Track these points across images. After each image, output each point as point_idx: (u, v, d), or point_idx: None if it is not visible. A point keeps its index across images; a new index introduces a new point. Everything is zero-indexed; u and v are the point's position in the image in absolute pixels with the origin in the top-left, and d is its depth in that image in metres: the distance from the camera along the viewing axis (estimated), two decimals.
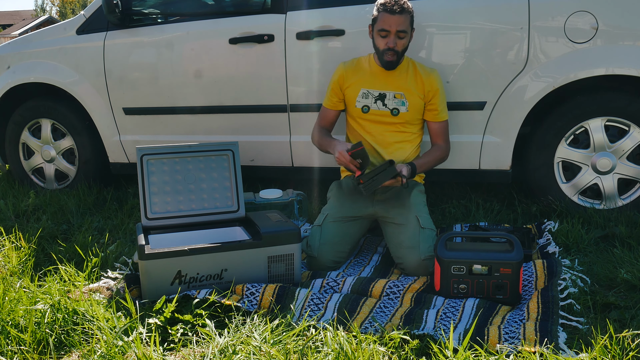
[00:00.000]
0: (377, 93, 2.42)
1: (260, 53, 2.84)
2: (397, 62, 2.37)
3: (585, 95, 2.56)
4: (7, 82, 3.36)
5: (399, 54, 2.34)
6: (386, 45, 2.31)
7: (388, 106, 2.41)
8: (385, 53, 2.33)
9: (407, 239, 2.21)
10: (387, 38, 2.30)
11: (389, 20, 2.28)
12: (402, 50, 2.35)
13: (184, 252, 1.96)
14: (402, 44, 2.33)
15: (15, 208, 3.09)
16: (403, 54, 2.38)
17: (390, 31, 2.29)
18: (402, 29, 2.30)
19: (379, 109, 2.42)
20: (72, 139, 3.37)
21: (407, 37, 2.34)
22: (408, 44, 2.38)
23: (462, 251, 1.97)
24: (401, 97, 2.41)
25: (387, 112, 2.41)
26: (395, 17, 2.27)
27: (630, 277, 1.95)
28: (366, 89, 2.43)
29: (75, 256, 2.35)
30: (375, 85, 2.43)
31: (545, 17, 2.48)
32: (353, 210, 2.36)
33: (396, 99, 2.40)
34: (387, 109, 2.41)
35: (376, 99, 2.42)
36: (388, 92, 2.41)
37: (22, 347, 1.64)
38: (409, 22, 2.33)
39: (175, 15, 3.06)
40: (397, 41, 2.31)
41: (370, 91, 2.43)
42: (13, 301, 1.80)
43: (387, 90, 2.41)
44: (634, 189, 2.61)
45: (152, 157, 2.25)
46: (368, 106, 2.42)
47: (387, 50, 2.31)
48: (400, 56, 2.36)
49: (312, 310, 1.86)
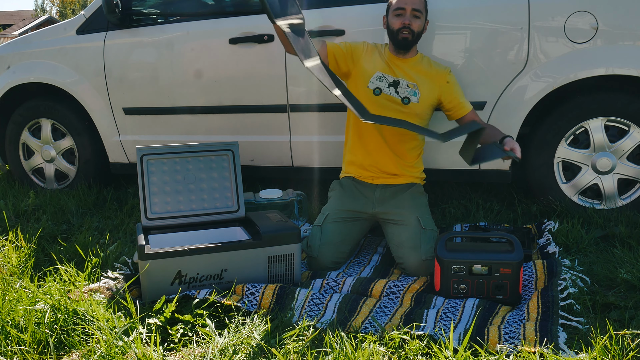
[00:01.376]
0: (391, 79, 2.42)
1: (260, 53, 2.84)
2: (411, 42, 2.38)
3: (585, 95, 2.56)
4: (7, 82, 3.36)
5: (414, 34, 2.35)
6: (402, 23, 2.33)
7: (400, 94, 2.40)
8: (400, 32, 2.34)
9: (408, 240, 2.21)
10: (403, 16, 2.33)
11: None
12: (417, 31, 2.37)
13: (184, 252, 1.97)
14: (417, 24, 2.35)
15: (15, 208, 3.09)
16: (418, 37, 2.39)
17: (405, 9, 2.33)
18: (418, 8, 2.34)
19: (390, 95, 2.41)
20: (72, 139, 3.37)
21: (421, 19, 2.36)
22: (422, 30, 2.40)
23: (462, 251, 1.97)
24: (414, 87, 2.40)
25: (398, 99, 2.40)
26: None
27: (630, 277, 1.96)
28: (382, 72, 2.43)
29: (76, 256, 2.35)
30: (390, 71, 2.43)
31: (545, 17, 2.48)
32: (354, 209, 2.35)
33: (409, 88, 2.40)
34: (398, 97, 2.40)
35: (390, 84, 2.41)
36: (402, 80, 2.41)
37: (22, 347, 1.64)
38: (423, 4, 2.37)
39: (175, 15, 3.06)
40: (413, 20, 2.34)
41: (385, 75, 2.42)
42: (13, 301, 1.80)
43: (401, 77, 2.42)
44: (634, 189, 2.61)
45: (152, 157, 2.25)
46: (380, 89, 2.41)
47: (403, 29, 2.33)
48: (415, 37, 2.37)
49: (312, 310, 1.86)
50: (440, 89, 2.41)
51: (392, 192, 2.37)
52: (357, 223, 2.36)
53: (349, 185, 2.45)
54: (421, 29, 2.39)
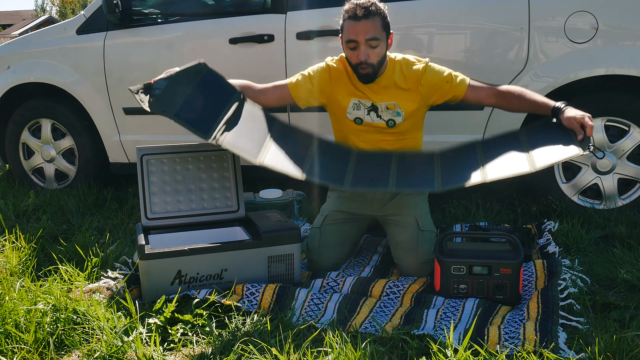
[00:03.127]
0: (369, 104, 2.18)
1: (260, 53, 2.84)
2: (374, 74, 2.10)
3: (585, 95, 2.56)
4: (7, 82, 3.36)
5: (374, 66, 2.06)
6: (358, 58, 2.03)
7: (383, 117, 2.20)
8: (358, 67, 2.06)
9: (405, 241, 2.20)
10: (357, 50, 2.02)
11: (355, 28, 1.99)
12: (379, 60, 2.07)
13: (184, 252, 1.97)
14: (375, 53, 2.03)
15: (15, 208, 3.09)
16: (382, 63, 2.10)
17: (358, 41, 2.00)
18: (372, 36, 2.00)
19: (373, 121, 2.21)
20: (72, 139, 3.37)
21: (381, 44, 2.03)
22: (386, 51, 2.09)
23: (462, 251, 1.97)
24: (394, 108, 2.17)
25: (382, 123, 2.21)
26: (361, 24, 1.98)
27: (630, 277, 1.96)
28: (357, 99, 2.20)
29: (76, 256, 2.35)
30: (364, 95, 2.19)
31: (545, 17, 2.48)
32: (352, 210, 2.34)
33: (389, 110, 2.17)
34: (382, 121, 2.21)
35: (369, 110, 2.19)
36: (379, 104, 2.19)
37: (23, 347, 1.64)
38: (380, 26, 2.01)
39: (176, 15, 3.06)
40: (370, 52, 2.02)
41: (361, 101, 2.19)
42: (14, 301, 1.80)
43: (378, 102, 2.19)
44: (634, 189, 2.61)
45: (152, 157, 2.25)
46: (361, 118, 2.22)
47: (360, 65, 2.05)
48: (377, 67, 2.08)
49: (312, 310, 1.86)
50: (422, 96, 2.18)
51: (392, 194, 2.33)
52: (356, 224, 2.34)
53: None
54: (383, 53, 2.07)
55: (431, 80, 2.14)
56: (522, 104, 2.08)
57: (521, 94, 2.08)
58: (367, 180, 2.02)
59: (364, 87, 2.17)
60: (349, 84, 2.20)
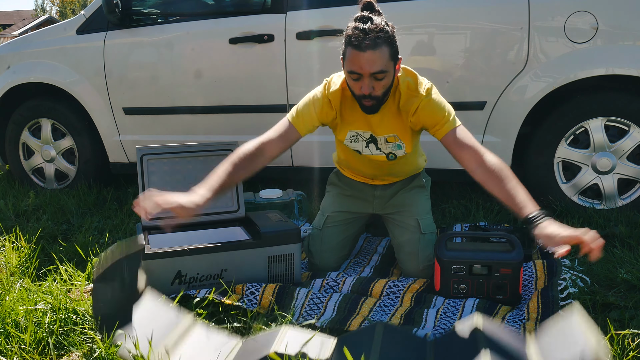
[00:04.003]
0: (367, 135, 2.01)
1: (260, 53, 2.84)
2: (379, 106, 1.86)
3: (585, 95, 2.56)
4: (7, 82, 3.36)
5: (379, 98, 1.82)
6: (360, 90, 1.79)
7: (383, 150, 2.04)
8: (361, 99, 1.83)
9: (406, 244, 2.18)
10: (360, 81, 1.78)
11: (359, 60, 1.72)
12: (384, 91, 1.82)
13: (184, 252, 1.96)
14: (381, 85, 1.79)
15: (15, 208, 3.09)
16: (387, 94, 1.86)
17: (362, 74, 1.75)
18: (379, 69, 1.74)
19: (372, 154, 2.06)
20: (72, 139, 3.37)
21: (388, 75, 1.78)
22: (392, 82, 1.84)
23: (462, 251, 1.96)
24: (395, 140, 1.99)
25: (382, 156, 2.07)
26: (366, 56, 1.71)
27: (630, 277, 1.96)
28: (355, 130, 2.01)
29: (76, 256, 2.35)
30: (362, 126, 2.00)
31: (545, 17, 2.48)
32: (353, 209, 2.32)
33: (389, 143, 2.00)
34: (381, 153, 2.06)
35: (367, 142, 2.03)
36: (379, 136, 2.00)
37: (22, 347, 1.64)
38: (387, 56, 1.74)
39: (175, 15, 3.06)
40: (375, 84, 1.77)
41: (359, 133, 2.01)
42: (13, 301, 1.80)
43: (377, 134, 2.00)
44: (634, 189, 2.61)
45: (152, 157, 2.25)
46: (359, 150, 2.08)
47: (364, 98, 1.81)
48: (382, 98, 1.84)
49: (312, 309, 1.86)
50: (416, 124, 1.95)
51: (393, 190, 2.30)
52: (357, 222, 2.33)
53: (347, 182, 2.35)
54: (390, 84, 1.82)
55: (423, 117, 1.91)
56: (499, 192, 1.73)
57: (502, 181, 1.73)
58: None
59: (362, 115, 1.96)
60: (347, 112, 1.99)
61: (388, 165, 2.14)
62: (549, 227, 1.54)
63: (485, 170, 1.76)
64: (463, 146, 1.82)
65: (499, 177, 1.73)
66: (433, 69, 2.63)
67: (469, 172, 1.80)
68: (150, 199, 1.69)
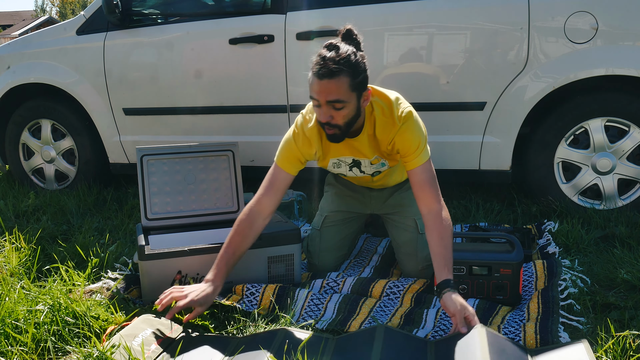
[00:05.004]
0: (349, 160, 1.99)
1: (260, 53, 2.84)
2: (343, 135, 1.81)
3: (585, 96, 2.56)
4: (7, 82, 3.36)
5: (341, 127, 1.77)
6: (319, 117, 1.76)
7: (366, 172, 2.04)
8: (323, 128, 1.80)
9: (404, 244, 2.19)
10: (320, 109, 1.74)
11: (317, 87, 1.70)
12: (347, 122, 1.77)
13: (184, 253, 1.96)
14: (341, 115, 1.73)
15: (15, 208, 3.09)
16: (351, 125, 1.79)
17: (319, 100, 1.72)
18: (336, 99, 1.69)
19: (356, 176, 2.08)
20: (72, 140, 3.37)
21: (348, 106, 1.72)
22: (357, 112, 1.78)
23: (462, 251, 1.96)
24: (378, 161, 1.98)
25: (367, 176, 2.08)
26: (323, 83, 1.68)
27: (630, 278, 1.95)
28: (336, 158, 2.00)
29: (76, 257, 2.35)
30: (345, 152, 1.97)
31: (545, 17, 2.48)
32: (351, 208, 2.32)
33: (373, 164, 2.00)
34: (366, 175, 2.07)
35: (351, 166, 2.02)
36: (362, 160, 1.99)
37: (22, 348, 1.63)
38: (346, 87, 1.69)
39: (175, 16, 3.06)
40: (333, 113, 1.73)
41: (341, 159, 2.00)
42: (13, 302, 1.79)
43: (360, 158, 1.98)
44: (634, 189, 2.61)
45: (152, 158, 2.25)
46: (344, 174, 2.09)
47: (325, 125, 1.78)
48: (345, 128, 1.78)
49: (312, 310, 1.86)
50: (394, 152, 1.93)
51: (389, 191, 2.29)
52: (355, 222, 2.33)
53: (344, 183, 2.34)
54: (352, 115, 1.76)
55: (398, 145, 1.88)
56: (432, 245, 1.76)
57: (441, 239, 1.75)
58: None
59: (344, 144, 1.93)
60: (322, 146, 1.96)
61: (375, 180, 2.14)
62: (447, 301, 1.63)
63: (434, 221, 1.79)
64: (424, 188, 1.84)
65: (440, 234, 1.76)
66: (433, 69, 2.64)
67: (421, 213, 1.84)
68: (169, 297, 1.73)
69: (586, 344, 1.49)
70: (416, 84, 2.67)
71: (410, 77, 2.67)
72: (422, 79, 2.66)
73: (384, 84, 2.69)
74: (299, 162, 1.95)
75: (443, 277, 1.69)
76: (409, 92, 2.68)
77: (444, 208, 1.82)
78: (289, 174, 1.94)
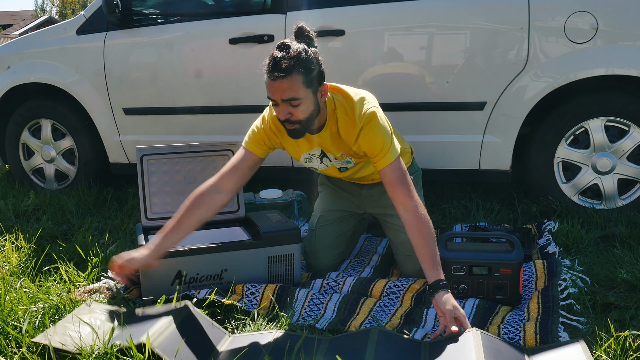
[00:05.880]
0: (318, 152, 2.02)
1: (260, 53, 2.84)
2: (304, 130, 1.84)
3: (585, 95, 2.56)
4: (7, 82, 3.36)
5: (302, 122, 1.80)
6: (278, 115, 1.81)
7: (335, 164, 2.07)
8: (284, 123, 1.83)
9: (402, 246, 2.18)
10: (277, 107, 1.78)
11: (271, 87, 1.75)
12: (307, 117, 1.80)
13: (184, 252, 1.97)
14: (299, 111, 1.76)
15: (15, 208, 3.09)
16: (312, 119, 1.83)
17: (276, 100, 1.77)
18: (291, 97, 1.73)
19: (327, 167, 2.08)
20: (72, 139, 3.37)
21: (304, 102, 1.76)
22: (317, 106, 1.82)
23: (462, 251, 1.96)
24: (343, 157, 2.01)
25: (335, 168, 2.09)
26: (277, 84, 1.73)
27: (630, 277, 1.95)
28: (307, 152, 2.03)
29: (76, 256, 2.35)
30: (310, 146, 2.01)
31: (545, 17, 2.48)
32: (344, 207, 2.31)
33: (338, 160, 2.03)
34: (334, 166, 2.09)
35: (320, 158, 2.04)
36: (328, 153, 2.02)
37: (22, 348, 1.63)
38: (300, 84, 1.73)
39: (176, 16, 3.06)
40: (291, 110, 1.76)
41: (311, 153, 2.03)
42: (13, 301, 1.79)
43: (326, 151, 2.01)
44: (634, 189, 2.61)
45: (152, 157, 2.25)
46: (316, 168, 2.11)
47: (284, 121, 1.81)
48: (307, 123, 1.81)
49: (312, 310, 1.86)
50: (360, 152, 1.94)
51: (379, 190, 2.24)
52: (350, 220, 2.32)
53: (335, 181, 2.34)
54: (312, 110, 1.80)
55: (363, 146, 1.89)
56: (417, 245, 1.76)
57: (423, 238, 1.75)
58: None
59: (309, 138, 1.97)
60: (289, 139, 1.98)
61: (344, 177, 2.14)
62: (438, 301, 1.65)
63: (413, 220, 1.78)
64: (396, 187, 1.83)
65: (421, 233, 1.76)
66: (433, 69, 2.64)
67: (398, 213, 1.82)
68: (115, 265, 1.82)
69: (584, 345, 1.49)
70: (416, 83, 2.67)
71: (410, 77, 2.67)
72: (422, 78, 2.66)
73: (383, 83, 2.69)
74: (264, 145, 1.98)
75: (434, 278, 1.69)
76: (409, 92, 2.69)
77: (419, 204, 1.80)
78: (253, 154, 1.97)
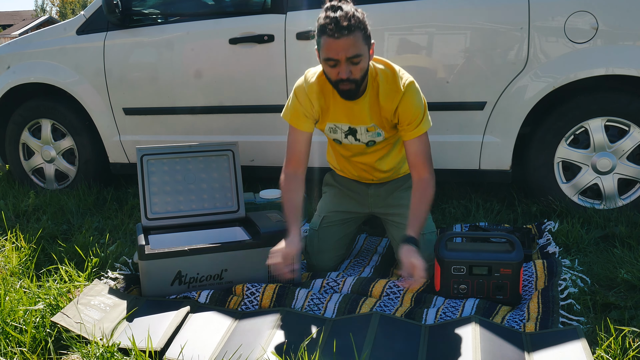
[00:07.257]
0: (346, 127, 2.05)
1: (260, 53, 2.84)
2: (357, 90, 1.90)
3: (585, 95, 2.56)
4: (7, 82, 3.36)
5: (357, 82, 1.86)
6: (338, 76, 1.83)
7: (362, 140, 2.08)
8: (339, 84, 1.86)
9: None
10: (338, 67, 1.82)
11: (334, 46, 1.77)
12: (362, 75, 1.86)
13: (184, 252, 1.97)
14: (359, 69, 1.83)
15: (15, 208, 3.09)
16: (365, 77, 1.90)
17: (339, 60, 1.80)
18: (355, 54, 1.79)
19: (351, 144, 2.11)
20: (72, 139, 3.37)
21: (364, 59, 1.83)
22: (369, 64, 1.90)
23: (462, 251, 1.96)
24: (374, 129, 2.03)
25: (361, 145, 2.10)
26: (341, 42, 1.76)
27: (630, 277, 1.95)
28: (332, 123, 2.06)
29: (76, 256, 2.35)
30: (341, 118, 2.04)
31: (545, 17, 2.48)
32: (349, 208, 2.31)
33: (369, 132, 2.04)
34: (361, 143, 2.09)
35: (346, 134, 2.07)
36: (358, 127, 2.04)
37: (22, 348, 1.63)
38: (361, 40, 1.79)
39: (176, 16, 3.06)
40: (352, 68, 1.82)
41: (337, 125, 2.06)
42: (13, 301, 1.80)
43: (356, 124, 2.04)
44: (634, 189, 2.61)
45: (152, 157, 2.25)
46: (339, 140, 2.12)
47: (341, 82, 1.85)
48: (361, 82, 1.88)
49: (312, 310, 1.86)
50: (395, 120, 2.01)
51: (387, 190, 2.28)
52: (353, 222, 2.33)
53: (342, 181, 2.36)
54: (367, 67, 1.87)
55: (402, 113, 1.96)
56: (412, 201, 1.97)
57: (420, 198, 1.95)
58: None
59: (341, 107, 2.00)
60: (326, 105, 2.03)
61: (369, 151, 2.15)
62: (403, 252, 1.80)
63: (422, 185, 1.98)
64: (419, 158, 1.99)
65: (424, 196, 1.96)
66: (433, 69, 2.64)
67: (412, 178, 2.01)
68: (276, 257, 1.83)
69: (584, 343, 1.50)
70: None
71: None
72: (422, 78, 2.65)
73: None
74: (305, 117, 2.04)
75: (410, 234, 1.86)
76: None
77: (433, 178, 1.98)
78: (303, 132, 2.05)
